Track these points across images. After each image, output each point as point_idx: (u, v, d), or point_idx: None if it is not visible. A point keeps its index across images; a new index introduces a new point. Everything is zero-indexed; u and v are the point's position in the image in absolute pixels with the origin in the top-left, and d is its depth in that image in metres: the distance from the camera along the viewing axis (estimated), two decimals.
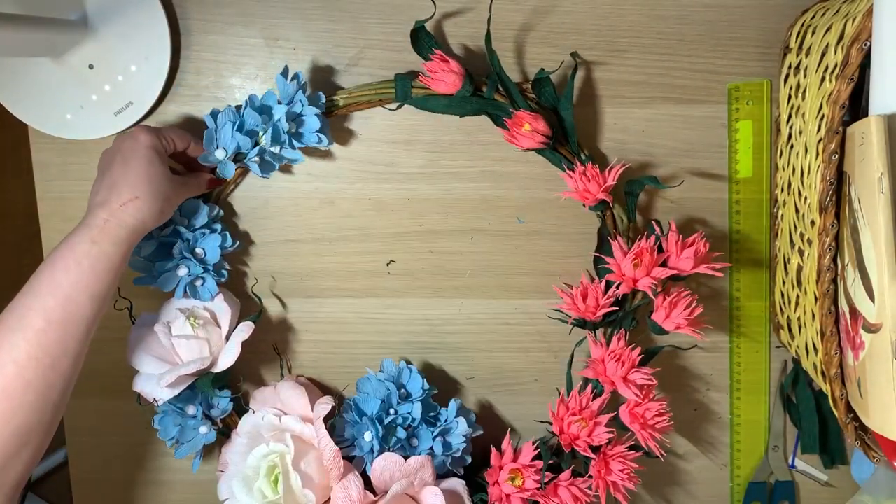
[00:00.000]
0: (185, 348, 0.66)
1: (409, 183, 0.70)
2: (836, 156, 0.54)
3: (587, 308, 0.65)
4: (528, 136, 0.63)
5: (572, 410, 0.65)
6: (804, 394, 0.72)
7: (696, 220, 0.70)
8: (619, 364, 0.64)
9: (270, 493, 0.64)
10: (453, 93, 0.64)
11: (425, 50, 0.64)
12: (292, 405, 0.68)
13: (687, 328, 0.63)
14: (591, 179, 0.63)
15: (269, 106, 0.64)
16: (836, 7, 0.59)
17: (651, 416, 0.64)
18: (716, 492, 0.75)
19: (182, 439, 0.68)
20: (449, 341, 0.72)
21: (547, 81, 0.65)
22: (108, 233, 0.56)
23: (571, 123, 0.65)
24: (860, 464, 0.72)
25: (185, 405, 0.68)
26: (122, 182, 0.58)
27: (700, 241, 0.63)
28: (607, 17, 0.67)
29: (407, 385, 0.68)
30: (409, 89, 0.65)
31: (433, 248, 0.71)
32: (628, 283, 0.64)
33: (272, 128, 0.63)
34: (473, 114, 0.65)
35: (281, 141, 0.63)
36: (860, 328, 0.52)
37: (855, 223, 0.52)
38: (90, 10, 0.64)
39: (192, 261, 0.65)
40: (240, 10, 0.68)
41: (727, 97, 0.68)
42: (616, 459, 0.65)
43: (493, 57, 0.64)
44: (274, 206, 0.70)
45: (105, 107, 0.67)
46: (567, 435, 0.65)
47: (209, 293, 0.67)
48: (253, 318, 0.68)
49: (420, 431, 0.67)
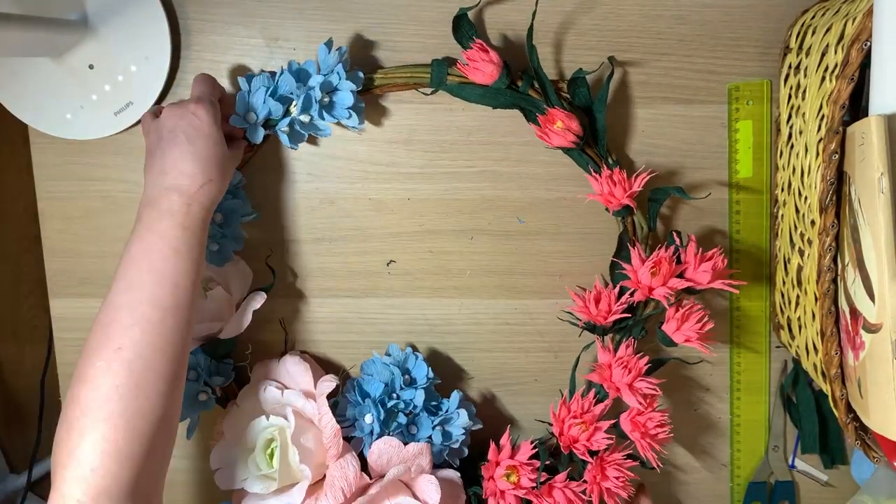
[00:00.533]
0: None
1: (409, 183, 0.70)
2: (837, 156, 0.54)
3: (599, 312, 0.65)
4: (560, 133, 0.63)
5: (574, 413, 0.65)
6: (804, 394, 0.72)
7: (696, 220, 0.70)
8: (626, 371, 0.64)
9: (265, 466, 0.64)
10: (489, 83, 0.63)
11: (465, 38, 0.64)
12: (296, 380, 0.67)
13: (696, 342, 0.63)
14: (618, 184, 0.63)
15: (307, 73, 0.63)
16: (836, 7, 0.59)
17: (653, 425, 0.64)
18: (716, 492, 0.75)
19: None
20: (449, 341, 0.72)
21: (582, 82, 0.65)
22: (193, 217, 0.57)
23: (603, 126, 0.65)
24: (860, 464, 0.72)
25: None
26: (194, 165, 0.57)
27: (718, 255, 0.63)
28: (607, 17, 0.67)
29: (412, 371, 0.68)
30: (445, 75, 0.65)
31: (433, 248, 0.71)
32: (644, 291, 0.64)
33: (304, 95, 0.62)
34: (506, 107, 0.65)
35: (312, 110, 0.63)
36: (860, 328, 0.52)
37: (855, 223, 0.52)
38: (90, 10, 0.65)
39: (211, 225, 0.64)
40: (240, 10, 0.68)
41: (727, 97, 0.68)
42: (612, 466, 0.65)
43: (532, 52, 0.63)
44: (274, 207, 0.70)
45: (105, 107, 0.67)
46: (566, 437, 0.65)
47: (223, 259, 0.66)
48: (266, 287, 0.68)
49: (420, 419, 0.67)
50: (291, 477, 0.63)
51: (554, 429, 0.66)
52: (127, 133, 0.69)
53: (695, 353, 0.67)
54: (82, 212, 0.71)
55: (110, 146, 0.69)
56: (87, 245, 0.71)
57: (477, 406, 0.73)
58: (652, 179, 0.67)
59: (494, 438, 0.68)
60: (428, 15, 0.67)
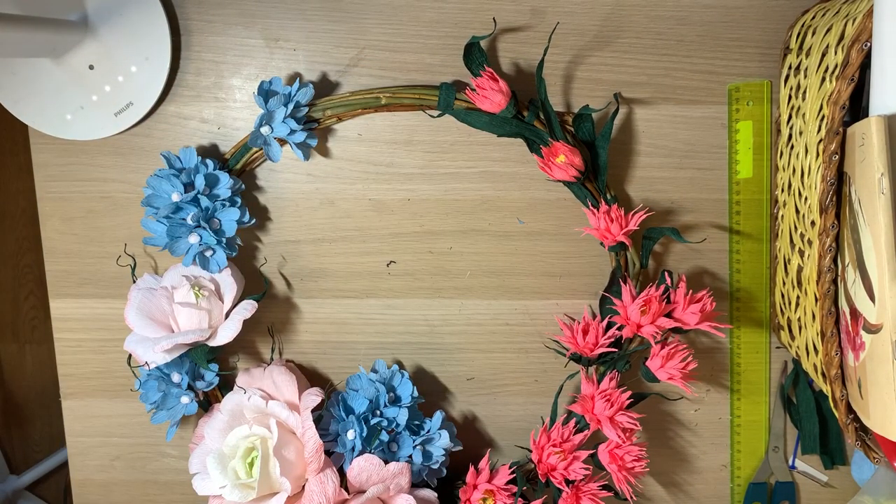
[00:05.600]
0: (185, 317, 0.66)
1: (409, 183, 0.70)
2: (837, 156, 0.54)
3: (586, 344, 0.66)
4: (562, 167, 0.64)
5: (553, 441, 0.66)
6: (804, 394, 0.72)
7: (696, 220, 0.70)
8: (608, 404, 0.64)
9: (244, 474, 0.64)
10: (496, 112, 0.64)
11: (476, 65, 0.65)
12: (282, 390, 0.67)
13: (679, 381, 0.64)
14: (614, 221, 0.64)
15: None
16: (837, 8, 0.59)
17: (630, 459, 0.65)
18: (716, 492, 0.75)
19: (162, 406, 0.68)
20: (449, 342, 0.72)
21: (588, 117, 0.65)
22: None
23: (605, 161, 0.66)
24: (860, 464, 0.72)
25: (171, 372, 0.67)
26: None
27: (707, 298, 0.64)
28: (607, 17, 0.67)
29: (397, 389, 0.68)
30: (453, 100, 0.65)
31: (433, 248, 0.71)
32: (632, 328, 0.65)
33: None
34: (511, 135, 0.66)
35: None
36: (860, 329, 0.52)
37: (855, 224, 0.52)
38: (90, 10, 0.65)
39: (206, 230, 0.65)
40: (240, 11, 0.68)
41: (727, 98, 0.68)
42: (587, 496, 0.65)
43: (541, 85, 0.64)
44: (274, 207, 0.70)
45: (105, 107, 0.67)
46: (544, 464, 0.66)
47: (218, 265, 0.67)
48: (257, 297, 0.68)
49: (402, 438, 0.67)
50: (270, 487, 0.63)
51: (533, 456, 0.67)
52: (127, 133, 0.69)
53: (677, 389, 0.68)
54: (82, 212, 0.71)
55: (110, 146, 0.69)
56: (87, 245, 0.71)
57: (475, 408, 0.73)
58: (648, 219, 0.68)
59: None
60: (428, 15, 0.67)
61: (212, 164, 0.65)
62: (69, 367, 0.73)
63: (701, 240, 0.70)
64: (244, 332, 0.67)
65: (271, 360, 0.72)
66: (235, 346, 0.71)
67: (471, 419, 0.73)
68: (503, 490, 0.66)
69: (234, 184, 0.66)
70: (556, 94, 0.68)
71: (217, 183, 0.65)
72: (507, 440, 0.74)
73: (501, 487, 0.66)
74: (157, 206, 0.65)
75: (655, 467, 0.74)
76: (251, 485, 0.63)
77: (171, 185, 0.64)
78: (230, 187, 0.66)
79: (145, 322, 0.66)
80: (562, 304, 0.70)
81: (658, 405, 0.73)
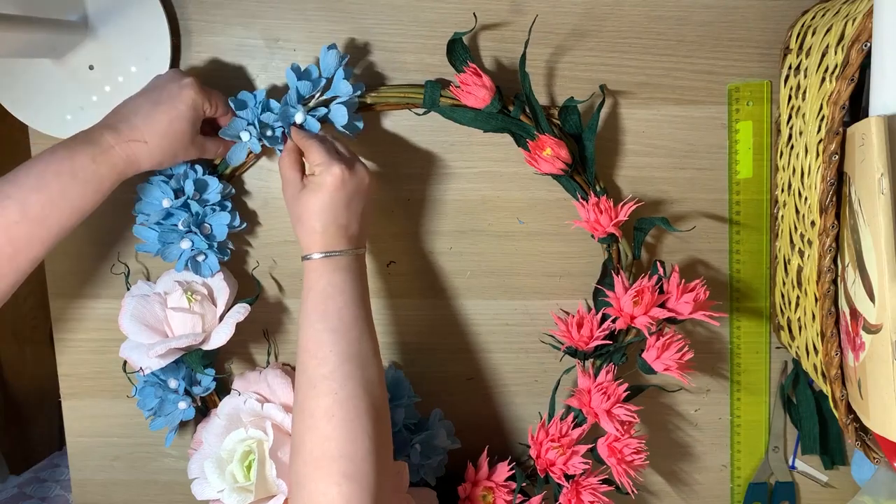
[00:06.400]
0: (178, 322, 0.66)
1: (409, 183, 0.70)
2: (837, 156, 0.54)
3: (580, 338, 0.66)
4: (548, 160, 0.63)
5: (552, 437, 0.66)
6: (804, 394, 0.72)
7: (696, 221, 0.70)
8: (605, 397, 0.64)
9: (242, 478, 0.64)
10: (481, 107, 0.64)
11: (459, 62, 0.64)
12: (277, 393, 0.67)
13: (675, 371, 0.64)
14: (604, 212, 0.64)
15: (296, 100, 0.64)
16: (837, 8, 0.59)
17: (629, 452, 0.64)
18: (716, 492, 0.75)
19: (160, 412, 0.68)
20: (449, 342, 0.72)
21: (574, 110, 0.65)
22: (110, 157, 0.57)
23: (592, 154, 0.66)
24: (860, 464, 0.72)
25: (167, 378, 0.67)
26: (142, 121, 0.58)
27: (701, 287, 0.64)
28: (607, 17, 0.67)
29: (393, 388, 0.68)
30: (438, 97, 0.65)
31: (433, 248, 0.71)
32: (626, 319, 0.64)
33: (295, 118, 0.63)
34: (497, 131, 0.66)
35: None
36: (860, 329, 0.52)
37: (855, 224, 0.52)
38: (90, 10, 0.64)
39: (197, 235, 0.65)
40: (240, 11, 0.68)
41: (727, 98, 0.68)
42: (588, 491, 0.65)
43: (525, 79, 0.64)
44: (273, 207, 0.70)
45: (105, 108, 0.66)
46: (543, 460, 0.66)
47: (210, 270, 0.67)
48: (250, 300, 0.68)
49: (399, 437, 0.67)
50: (267, 490, 0.63)
51: (532, 451, 0.67)
52: None
53: (675, 380, 0.68)
54: None
55: None
56: (87, 245, 0.71)
57: (475, 408, 0.73)
58: (638, 208, 0.67)
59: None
60: (428, 16, 0.67)
61: (201, 170, 0.65)
62: (69, 367, 0.73)
63: (690, 227, 0.70)
64: (238, 335, 0.67)
65: (268, 363, 0.72)
66: (230, 350, 0.71)
67: (471, 419, 0.73)
68: (502, 486, 0.65)
69: (224, 188, 0.66)
70: (558, 95, 0.68)
71: (206, 188, 0.66)
72: (507, 440, 0.74)
73: (500, 484, 0.65)
74: (149, 212, 0.65)
75: (656, 467, 0.74)
76: (248, 488, 0.63)
77: (161, 192, 0.64)
78: (220, 192, 0.66)
79: (139, 328, 0.66)
80: (562, 304, 0.70)
81: (658, 405, 0.73)
